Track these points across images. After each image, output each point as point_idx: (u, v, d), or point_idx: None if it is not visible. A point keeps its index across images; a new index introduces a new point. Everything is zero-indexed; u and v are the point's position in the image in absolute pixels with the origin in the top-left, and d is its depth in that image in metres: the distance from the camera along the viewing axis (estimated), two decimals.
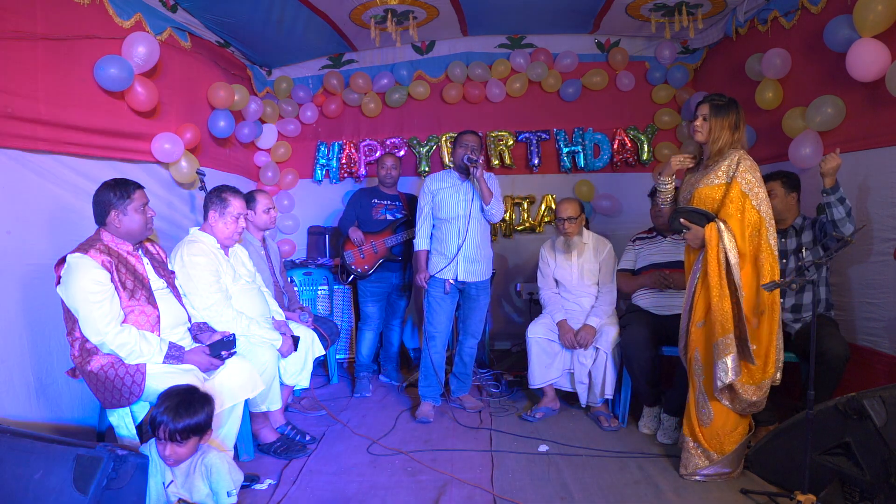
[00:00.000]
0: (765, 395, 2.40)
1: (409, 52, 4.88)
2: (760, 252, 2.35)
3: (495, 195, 3.27)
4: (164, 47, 3.25)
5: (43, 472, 1.87)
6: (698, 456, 2.44)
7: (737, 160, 2.38)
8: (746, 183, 2.35)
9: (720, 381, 2.31)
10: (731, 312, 2.32)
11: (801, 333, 2.82)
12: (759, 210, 2.34)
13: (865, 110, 2.89)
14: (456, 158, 3.30)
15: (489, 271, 3.43)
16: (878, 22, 2.67)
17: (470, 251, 3.28)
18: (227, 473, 2.04)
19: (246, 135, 4.40)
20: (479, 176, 3.17)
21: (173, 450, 1.96)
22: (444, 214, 3.31)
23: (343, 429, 3.12)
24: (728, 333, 2.32)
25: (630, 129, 4.88)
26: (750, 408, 2.40)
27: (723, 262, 2.33)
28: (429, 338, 3.36)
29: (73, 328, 2.22)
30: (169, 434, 1.94)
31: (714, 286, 2.34)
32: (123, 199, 2.29)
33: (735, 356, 2.31)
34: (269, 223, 3.35)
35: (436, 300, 3.33)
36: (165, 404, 1.98)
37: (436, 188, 3.35)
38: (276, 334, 2.84)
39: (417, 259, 3.41)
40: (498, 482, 2.47)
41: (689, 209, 2.45)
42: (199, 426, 1.99)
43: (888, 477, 1.96)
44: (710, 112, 2.45)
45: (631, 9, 4.08)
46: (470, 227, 3.25)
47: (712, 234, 2.34)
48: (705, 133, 2.48)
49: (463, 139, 3.29)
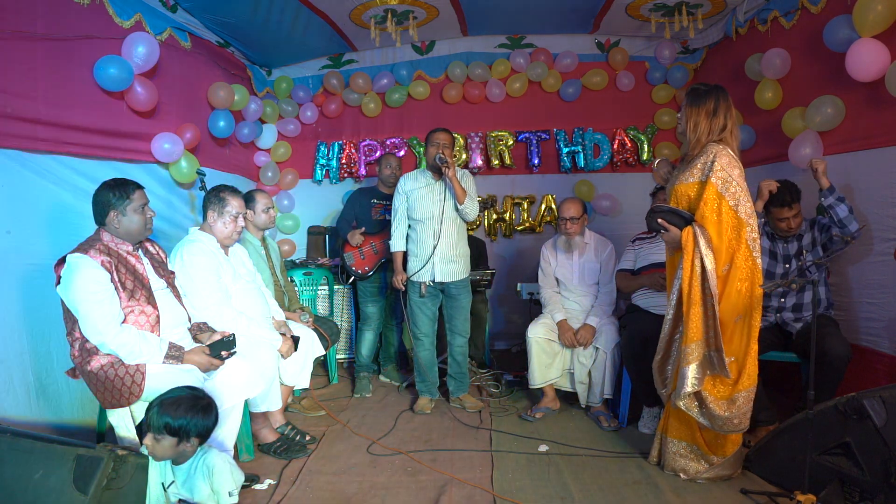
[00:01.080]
0: (741, 410, 2.26)
1: (409, 52, 4.89)
2: (738, 254, 2.23)
3: (469, 194, 3.24)
4: (163, 47, 3.25)
5: (43, 472, 1.87)
6: (698, 461, 2.42)
7: (712, 157, 2.24)
8: (722, 182, 2.22)
9: (679, 389, 2.27)
10: (698, 320, 2.24)
11: (801, 333, 2.81)
12: (737, 211, 2.22)
13: (865, 110, 2.89)
14: (428, 158, 3.26)
15: (467, 270, 3.41)
16: (877, 22, 2.67)
17: (445, 251, 3.27)
18: (228, 473, 2.03)
19: (246, 135, 4.40)
20: (452, 175, 3.14)
21: (149, 441, 1.97)
22: (418, 215, 3.29)
23: (343, 429, 3.12)
24: (692, 342, 2.24)
25: (630, 129, 4.89)
26: (726, 424, 2.27)
27: (697, 268, 2.23)
28: (415, 339, 3.38)
29: (72, 328, 2.22)
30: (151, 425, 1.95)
31: (685, 291, 2.26)
32: (123, 199, 2.28)
33: (697, 366, 2.24)
34: (269, 223, 3.35)
35: (416, 303, 3.33)
36: (162, 397, 2.00)
37: (410, 188, 3.32)
38: (276, 334, 2.84)
39: (394, 260, 3.39)
40: (498, 482, 2.47)
41: (665, 209, 2.35)
42: (179, 425, 1.97)
43: (888, 477, 1.96)
44: (687, 101, 2.36)
45: (631, 9, 4.09)
46: (444, 226, 3.23)
47: (689, 239, 2.25)
48: (683, 124, 2.38)
49: (434, 137, 3.24)
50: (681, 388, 2.27)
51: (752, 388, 2.28)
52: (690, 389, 2.26)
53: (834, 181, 2.73)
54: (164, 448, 1.98)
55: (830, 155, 3.11)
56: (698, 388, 2.26)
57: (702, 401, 2.30)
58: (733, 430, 2.29)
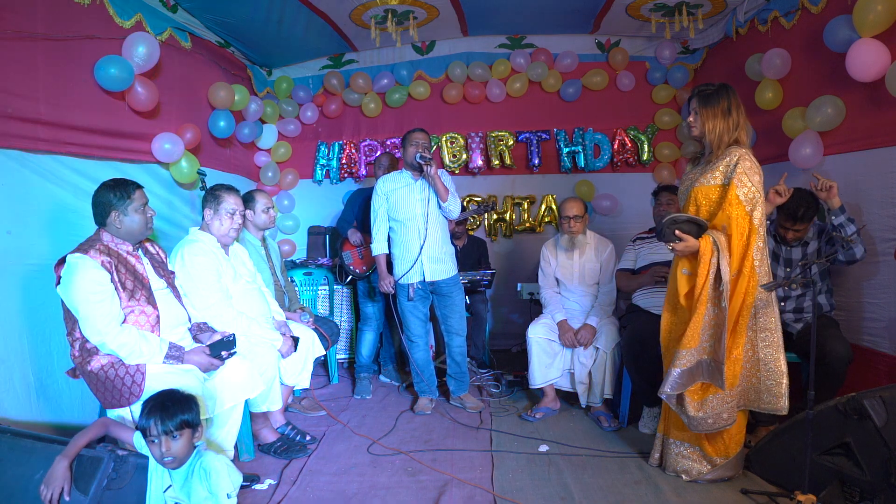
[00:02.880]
0: (716, 412, 2.26)
1: (410, 53, 4.89)
2: (745, 260, 2.22)
3: (451, 191, 3.24)
4: (164, 47, 3.26)
5: (43, 472, 1.87)
6: (700, 462, 2.42)
7: (736, 160, 2.24)
8: (742, 186, 2.22)
9: (664, 386, 2.30)
10: (698, 327, 2.25)
11: (802, 334, 2.81)
12: (752, 217, 2.21)
13: (865, 110, 2.89)
14: (408, 157, 3.24)
15: (455, 268, 3.40)
16: (877, 22, 2.67)
17: (433, 251, 3.25)
18: (226, 475, 2.01)
19: (246, 135, 4.40)
20: (434, 174, 3.13)
21: (169, 445, 1.87)
22: (401, 216, 3.26)
23: (343, 429, 3.12)
24: (686, 347, 2.26)
25: (630, 129, 4.89)
26: (700, 424, 2.28)
27: (711, 278, 2.23)
28: (409, 341, 3.37)
29: (73, 328, 2.22)
30: (162, 429, 1.85)
31: (693, 296, 2.27)
32: (123, 199, 2.28)
33: (683, 371, 2.27)
34: (269, 223, 3.35)
35: (406, 307, 3.31)
36: (149, 406, 1.90)
37: (389, 189, 3.29)
38: (276, 334, 2.84)
39: (378, 264, 3.35)
40: (498, 482, 2.47)
41: (683, 219, 2.31)
42: (190, 418, 1.91)
43: (888, 477, 1.96)
44: (698, 103, 2.35)
45: (631, 9, 4.09)
46: (430, 226, 3.22)
47: (707, 248, 2.23)
48: (699, 127, 2.37)
49: (413, 137, 3.23)
50: (664, 385, 2.32)
51: (731, 392, 2.27)
52: (670, 391, 2.30)
53: (834, 181, 2.73)
54: (185, 445, 1.91)
55: (830, 155, 3.11)
56: (679, 391, 2.30)
57: (679, 398, 2.34)
58: (708, 430, 2.31)
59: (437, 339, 4.03)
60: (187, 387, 2.17)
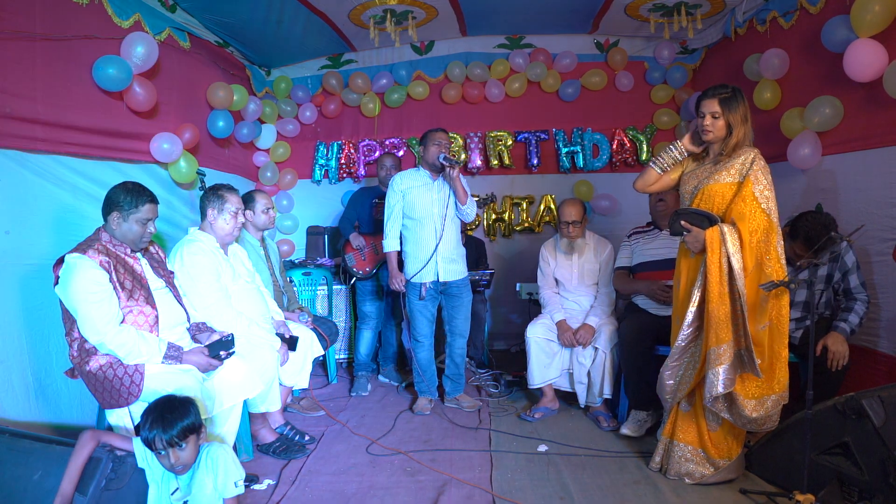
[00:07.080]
0: (769, 414, 2.27)
1: (409, 53, 4.89)
2: (769, 258, 2.22)
3: (469, 194, 3.25)
4: (162, 47, 3.25)
5: (42, 472, 1.87)
6: (704, 465, 2.41)
7: (752, 159, 2.28)
8: (758, 183, 2.25)
9: (710, 392, 2.25)
10: (728, 321, 2.23)
11: (802, 334, 2.81)
12: (770, 214, 2.23)
13: (863, 111, 2.90)
14: (430, 157, 3.22)
15: (466, 269, 3.41)
16: (875, 22, 2.67)
17: (447, 251, 3.25)
18: (232, 463, 1.99)
19: (245, 135, 4.40)
20: (456, 175, 3.13)
21: (177, 456, 1.87)
22: (416, 214, 3.24)
23: (342, 429, 3.12)
24: (723, 343, 2.23)
25: (629, 129, 4.89)
26: (750, 424, 2.28)
27: (724, 268, 2.23)
28: (414, 341, 3.37)
29: (71, 328, 2.21)
30: (167, 441, 1.85)
31: (713, 292, 2.24)
32: (131, 206, 2.28)
33: (728, 367, 2.23)
34: (268, 223, 3.35)
35: (416, 306, 3.30)
36: (150, 418, 1.89)
37: (406, 187, 3.27)
38: (275, 339, 2.84)
39: (389, 261, 3.33)
40: (497, 482, 2.47)
41: (690, 211, 2.34)
42: (192, 424, 1.92)
43: (887, 477, 1.97)
44: (722, 107, 2.32)
45: (630, 9, 4.09)
46: (446, 226, 3.21)
47: (714, 238, 2.24)
48: (722, 131, 2.34)
49: (435, 137, 3.23)
50: (710, 391, 2.25)
51: (783, 394, 2.27)
52: (724, 390, 2.23)
53: (833, 181, 2.73)
54: (192, 450, 1.92)
55: (829, 155, 3.12)
56: (731, 388, 2.24)
57: (732, 400, 2.29)
58: (757, 429, 2.34)
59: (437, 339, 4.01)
60: (186, 387, 2.18)
